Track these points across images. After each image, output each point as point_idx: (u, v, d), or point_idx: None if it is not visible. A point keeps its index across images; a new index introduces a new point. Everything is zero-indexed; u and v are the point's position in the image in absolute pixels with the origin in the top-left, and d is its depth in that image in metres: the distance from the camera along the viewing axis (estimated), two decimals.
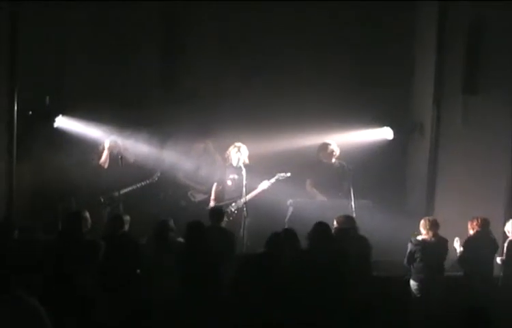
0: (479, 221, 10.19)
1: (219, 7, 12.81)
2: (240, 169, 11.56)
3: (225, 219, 10.34)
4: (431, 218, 10.22)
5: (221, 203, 11.43)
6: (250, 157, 11.78)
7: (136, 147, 12.11)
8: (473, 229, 10.23)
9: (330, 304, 8.68)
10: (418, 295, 9.88)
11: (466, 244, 10.19)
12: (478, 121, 12.14)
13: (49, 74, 12.74)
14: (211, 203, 11.72)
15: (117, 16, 12.82)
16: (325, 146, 11.91)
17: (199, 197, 12.25)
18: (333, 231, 9.47)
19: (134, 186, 11.97)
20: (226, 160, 11.89)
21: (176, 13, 13.17)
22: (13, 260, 8.99)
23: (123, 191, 11.76)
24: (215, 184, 11.94)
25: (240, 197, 11.45)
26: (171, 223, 9.47)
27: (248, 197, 11.48)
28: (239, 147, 11.69)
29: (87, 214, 9.48)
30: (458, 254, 10.24)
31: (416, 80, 13.10)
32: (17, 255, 9.10)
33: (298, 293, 8.63)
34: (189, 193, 12.28)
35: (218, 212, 10.23)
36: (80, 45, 12.91)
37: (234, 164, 11.69)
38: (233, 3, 12.63)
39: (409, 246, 9.92)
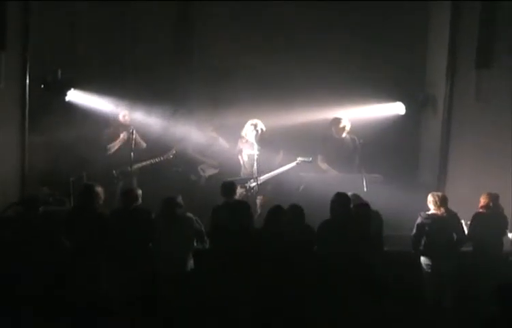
0: (488, 196, 10.14)
1: None
2: (256, 145, 11.52)
3: (243, 193, 10.33)
4: (440, 193, 10.15)
5: (236, 179, 11.38)
6: (263, 132, 11.75)
7: (148, 120, 12.12)
8: (481, 203, 10.18)
9: (345, 278, 8.79)
10: (429, 270, 9.85)
11: (474, 219, 10.15)
12: (491, 95, 12.05)
13: (61, 48, 12.74)
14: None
15: None
16: (336, 121, 11.86)
17: (210, 172, 12.25)
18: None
19: (148, 162, 11.98)
20: (243, 136, 11.85)
21: None
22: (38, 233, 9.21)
23: (135, 166, 11.77)
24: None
25: (259, 174, 11.38)
26: (179, 199, 9.48)
27: (267, 176, 11.48)
28: (255, 125, 11.66)
29: (100, 189, 9.55)
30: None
31: (428, 54, 13.02)
32: (42, 229, 9.31)
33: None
34: (199, 168, 12.28)
35: (230, 187, 10.17)
36: (92, 18, 12.89)
37: (250, 140, 11.65)
38: None
39: (419, 219, 9.85)
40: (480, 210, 10.16)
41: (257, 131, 11.62)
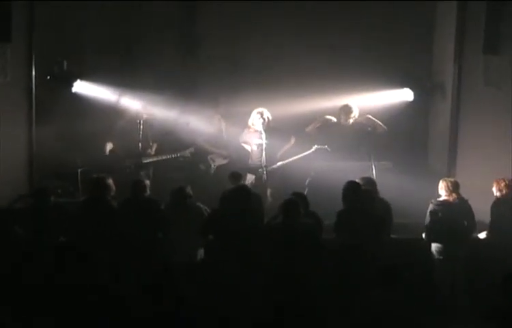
0: (504, 182, 10.06)
1: None
2: (263, 134, 11.48)
3: (253, 182, 10.32)
4: (452, 179, 10.15)
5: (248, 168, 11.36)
6: (273, 120, 11.71)
7: (157, 111, 12.08)
8: (500, 191, 10.10)
9: (354, 267, 8.78)
10: (440, 257, 9.82)
11: (494, 206, 10.07)
12: (500, 81, 11.96)
13: (66, 39, 12.73)
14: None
15: None
16: (346, 108, 11.81)
17: (219, 162, 12.20)
18: None
19: (164, 157, 11.92)
20: (250, 125, 11.79)
21: None
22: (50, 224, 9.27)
23: (149, 160, 11.79)
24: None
25: (267, 163, 11.35)
26: (188, 189, 9.50)
27: (283, 163, 11.48)
28: (261, 113, 11.61)
29: (111, 181, 9.54)
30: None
31: (436, 40, 12.96)
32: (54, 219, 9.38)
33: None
34: (209, 157, 12.24)
35: (237, 175, 10.10)
36: (98, 8, 12.84)
37: (258, 129, 11.59)
38: None
39: (431, 206, 9.83)
40: (498, 197, 10.08)
41: (264, 119, 11.57)
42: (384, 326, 7.24)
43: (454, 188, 9.78)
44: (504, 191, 10.01)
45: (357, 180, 9.57)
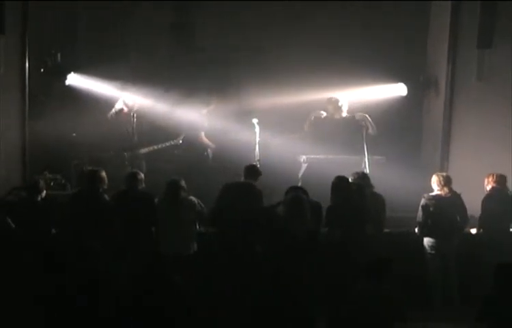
0: (495, 177, 10.09)
1: None
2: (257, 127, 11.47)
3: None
4: (444, 174, 10.18)
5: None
6: (265, 112, 11.71)
7: (152, 104, 12.07)
8: (489, 185, 10.14)
9: (344, 261, 8.79)
10: (432, 251, 9.85)
11: (484, 201, 10.10)
12: (493, 76, 11.97)
13: (60, 31, 12.71)
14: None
15: None
16: (332, 101, 11.84)
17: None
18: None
19: (156, 147, 11.94)
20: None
21: None
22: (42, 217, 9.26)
23: (144, 150, 11.80)
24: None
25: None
26: (182, 182, 9.48)
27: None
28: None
29: (104, 173, 9.54)
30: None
31: (430, 35, 12.94)
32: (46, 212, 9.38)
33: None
34: (209, 150, 12.24)
35: (255, 170, 9.98)
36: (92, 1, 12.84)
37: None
38: None
39: (423, 201, 9.86)
40: (488, 192, 10.11)
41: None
42: (375, 320, 7.24)
43: (446, 182, 9.81)
44: (492, 186, 10.05)
45: (349, 175, 9.56)
